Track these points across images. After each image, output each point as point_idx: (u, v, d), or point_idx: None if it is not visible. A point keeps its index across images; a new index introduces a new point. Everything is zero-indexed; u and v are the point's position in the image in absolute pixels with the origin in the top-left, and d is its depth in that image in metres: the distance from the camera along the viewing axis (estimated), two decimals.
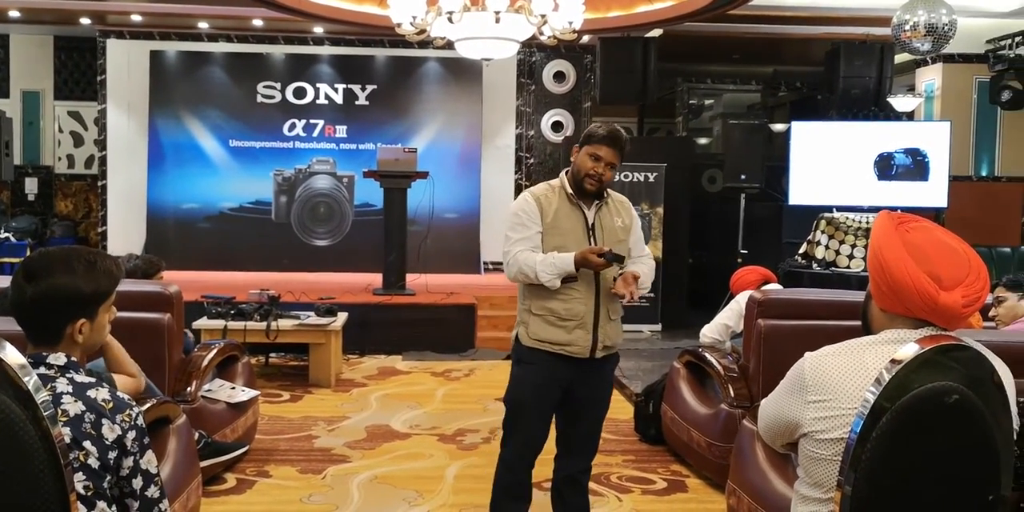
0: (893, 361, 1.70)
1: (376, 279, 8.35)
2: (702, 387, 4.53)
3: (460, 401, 5.87)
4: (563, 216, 3.03)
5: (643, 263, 3.16)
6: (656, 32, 9.38)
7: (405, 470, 4.38)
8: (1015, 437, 1.83)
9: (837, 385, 1.79)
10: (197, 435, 3.67)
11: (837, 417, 1.78)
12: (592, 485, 4.14)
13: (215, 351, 4.24)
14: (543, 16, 6.28)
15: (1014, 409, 1.79)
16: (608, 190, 3.12)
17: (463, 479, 4.25)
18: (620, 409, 5.68)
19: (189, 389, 3.92)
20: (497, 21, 6.18)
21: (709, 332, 4.66)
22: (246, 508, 3.79)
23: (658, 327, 8.59)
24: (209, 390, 4.19)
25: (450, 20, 6.13)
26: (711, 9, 7.83)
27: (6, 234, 10.24)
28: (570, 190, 3.05)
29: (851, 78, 9.30)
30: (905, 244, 1.82)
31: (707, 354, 4.44)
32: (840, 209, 7.91)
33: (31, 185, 11.23)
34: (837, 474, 1.75)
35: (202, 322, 6.03)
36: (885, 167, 8.03)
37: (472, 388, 6.30)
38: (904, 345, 1.72)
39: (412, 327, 7.60)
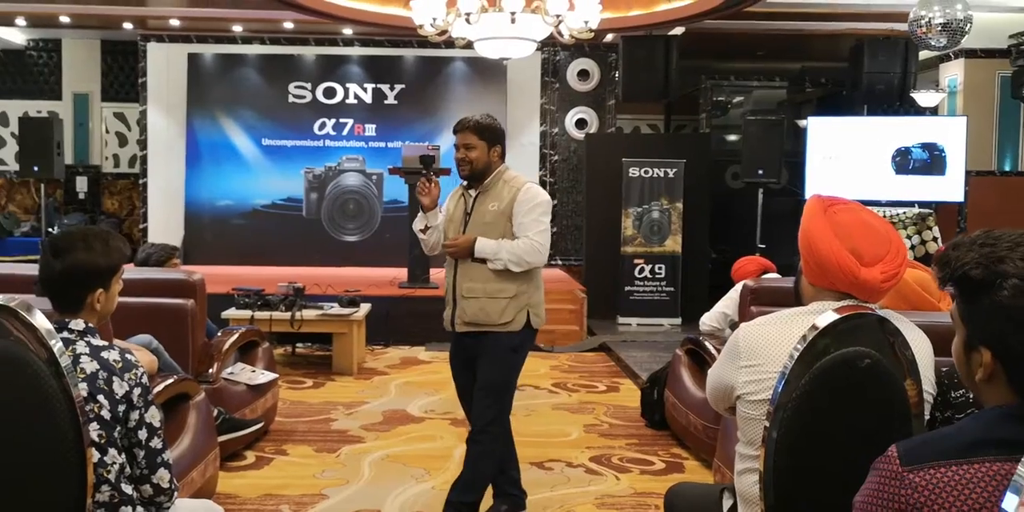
0: (813, 327, 1.88)
1: (403, 273, 8.59)
2: (701, 373, 4.70)
3: None
4: (452, 206, 3.52)
5: (512, 242, 3.34)
6: (679, 30, 9.52)
7: (416, 450, 4.61)
8: (932, 400, 2.01)
9: (766, 351, 1.98)
10: (216, 411, 3.93)
11: (766, 380, 1.96)
12: (592, 465, 4.39)
13: (236, 336, 4.51)
14: (558, 16, 6.48)
15: (928, 376, 1.96)
16: (505, 175, 3.46)
17: None
18: (631, 396, 5.88)
19: (211, 370, 4.18)
20: (513, 21, 6.38)
21: (708, 320, 4.82)
22: (263, 481, 4.05)
23: (678, 321, 8.76)
24: (231, 373, 4.45)
25: (468, 21, 6.36)
26: (727, 7, 7.96)
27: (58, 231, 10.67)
28: (464, 183, 3.50)
29: (875, 74, 9.36)
30: (831, 224, 2.01)
31: (705, 341, 4.62)
32: None
33: (81, 184, 11.65)
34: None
35: (231, 312, 6.32)
36: (902, 162, 8.12)
37: None
38: (825, 313, 1.91)
39: (435, 319, 7.75)
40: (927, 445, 1.21)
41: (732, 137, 12.77)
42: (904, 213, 7.92)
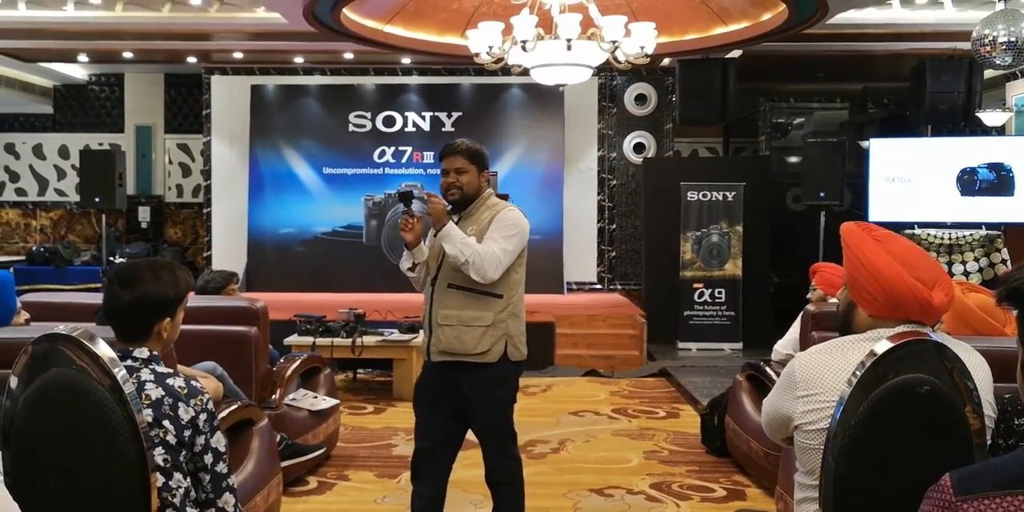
0: (871, 353, 1.86)
1: None
2: (762, 399, 4.61)
3: (535, 414, 6.08)
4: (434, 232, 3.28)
5: (480, 245, 3.16)
6: (736, 53, 9.49)
7: (475, 476, 4.58)
8: (993, 424, 1.97)
9: (823, 380, 1.96)
10: (279, 437, 3.99)
11: (824, 409, 1.94)
12: (652, 492, 4.34)
13: (298, 362, 4.58)
14: (615, 42, 6.51)
15: (987, 399, 1.92)
16: (489, 201, 3.30)
17: (529, 485, 4.40)
18: (691, 422, 5.82)
19: (274, 397, 4.26)
20: (569, 49, 6.43)
21: (781, 348, 4.70)
22: (325, 507, 4.09)
23: (739, 345, 8.66)
24: (293, 399, 4.52)
25: (524, 49, 6.43)
26: (785, 29, 7.91)
27: (121, 260, 10.95)
28: (449, 209, 3.26)
29: (938, 94, 9.22)
30: (890, 253, 1.98)
31: (766, 367, 4.56)
32: (922, 225, 7.86)
33: (144, 214, 11.96)
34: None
35: (293, 338, 6.42)
36: (968, 182, 7.95)
37: (547, 403, 6.50)
38: (881, 341, 1.88)
39: None
40: (981, 475, 1.19)
41: (793, 159, 12.64)
42: (971, 235, 7.75)
